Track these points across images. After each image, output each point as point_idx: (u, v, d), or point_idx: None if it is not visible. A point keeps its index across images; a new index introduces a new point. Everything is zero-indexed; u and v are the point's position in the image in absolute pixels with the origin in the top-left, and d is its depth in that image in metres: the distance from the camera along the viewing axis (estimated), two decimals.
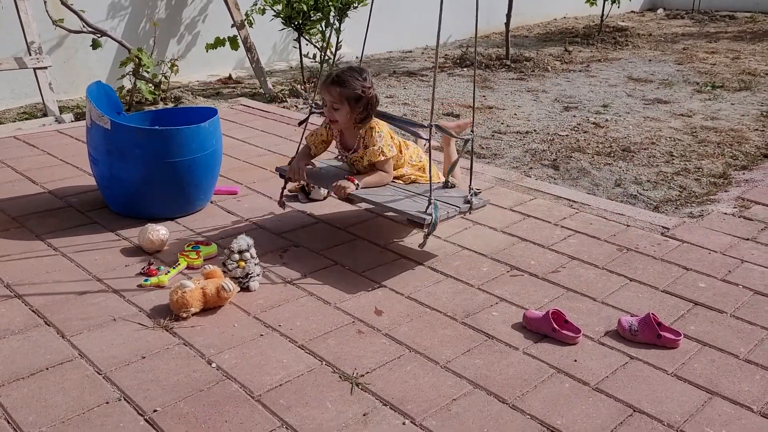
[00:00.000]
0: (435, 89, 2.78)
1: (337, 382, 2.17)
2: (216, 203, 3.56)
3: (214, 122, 3.36)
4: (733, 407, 2.07)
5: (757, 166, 4.23)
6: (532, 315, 2.47)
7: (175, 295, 2.49)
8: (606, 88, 6.29)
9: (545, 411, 2.05)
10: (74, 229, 3.24)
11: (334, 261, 2.95)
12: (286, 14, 5.75)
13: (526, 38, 8.93)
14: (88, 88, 3.35)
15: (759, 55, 7.70)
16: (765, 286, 2.75)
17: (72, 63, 5.67)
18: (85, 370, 2.22)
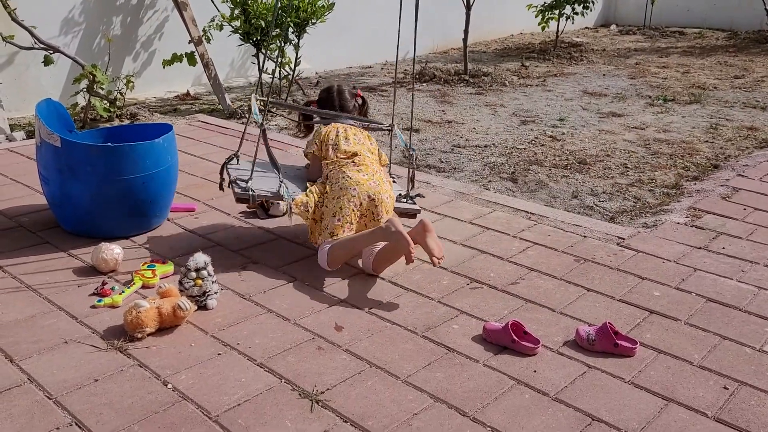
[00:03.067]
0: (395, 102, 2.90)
1: (297, 400, 2.14)
2: (173, 221, 3.50)
3: (169, 138, 3.31)
4: (688, 413, 2.10)
5: (707, 176, 4.35)
6: (491, 327, 2.48)
7: (130, 315, 2.43)
8: (562, 102, 6.41)
9: (506, 423, 2.05)
10: (25, 249, 3.14)
11: (294, 277, 2.93)
12: (244, 30, 5.73)
13: (484, 54, 9.07)
14: (37, 106, 3.27)
15: (708, 70, 7.95)
16: (717, 294, 2.82)
17: (23, 80, 5.54)
18: (34, 395, 2.14)
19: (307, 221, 3.03)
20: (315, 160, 3.22)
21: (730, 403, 2.15)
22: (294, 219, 3.13)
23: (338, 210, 2.97)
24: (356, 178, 3.02)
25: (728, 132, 5.36)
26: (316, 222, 3.04)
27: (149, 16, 6.24)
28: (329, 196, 3.02)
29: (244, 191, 3.01)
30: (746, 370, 2.32)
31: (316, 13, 5.80)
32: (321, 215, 3.03)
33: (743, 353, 2.41)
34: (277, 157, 3.48)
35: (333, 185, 3.04)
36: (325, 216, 3.00)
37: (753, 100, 6.44)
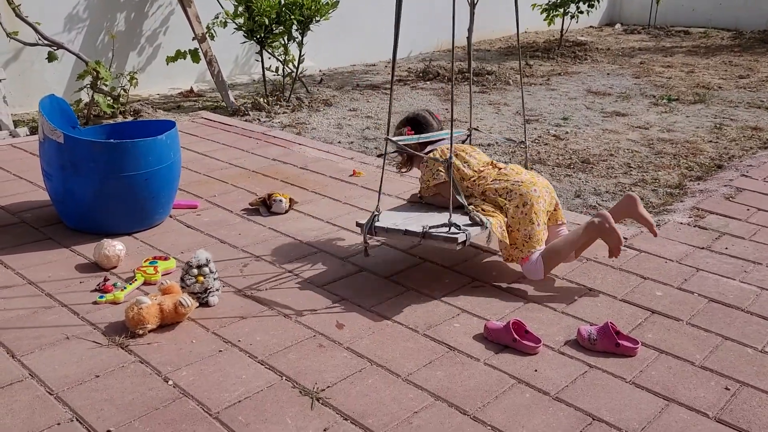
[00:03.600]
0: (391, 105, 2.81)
1: (297, 398, 2.14)
2: (175, 217, 3.50)
3: (172, 135, 3.31)
4: (689, 413, 2.10)
5: (711, 176, 4.33)
6: (493, 326, 2.47)
7: (131, 312, 2.44)
8: (566, 101, 6.39)
9: (506, 422, 2.05)
10: (27, 245, 3.15)
11: (295, 275, 2.93)
12: (248, 27, 5.73)
13: (488, 52, 9.05)
14: (40, 102, 3.27)
15: (712, 69, 7.92)
16: (719, 294, 2.81)
17: (27, 76, 5.55)
18: (35, 390, 2.15)
19: (506, 239, 2.82)
20: (446, 188, 2.92)
21: (731, 404, 2.14)
22: (493, 242, 2.87)
23: (534, 215, 2.83)
24: (526, 179, 2.90)
25: (732, 132, 5.34)
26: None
27: (153, 12, 6.24)
28: (510, 206, 2.85)
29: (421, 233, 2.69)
30: (748, 370, 2.31)
31: (320, 11, 5.80)
32: (509, 230, 2.86)
33: (745, 354, 2.40)
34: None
35: (505, 196, 2.87)
36: (519, 226, 2.83)
37: (758, 100, 6.42)
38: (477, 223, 2.74)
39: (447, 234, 2.66)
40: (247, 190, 3.91)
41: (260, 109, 5.81)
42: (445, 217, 2.74)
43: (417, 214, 2.95)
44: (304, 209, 3.65)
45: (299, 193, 3.87)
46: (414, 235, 2.71)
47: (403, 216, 2.91)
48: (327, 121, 5.63)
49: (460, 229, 2.67)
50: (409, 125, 3.12)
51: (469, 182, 2.97)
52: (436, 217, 2.83)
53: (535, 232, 2.83)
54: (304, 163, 4.44)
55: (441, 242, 2.68)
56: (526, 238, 2.83)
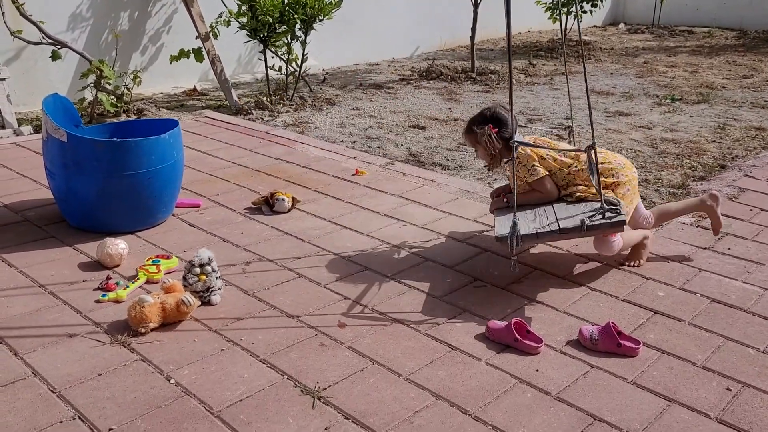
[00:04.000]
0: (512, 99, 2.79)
1: (299, 396, 2.14)
2: (178, 216, 3.51)
3: (175, 134, 3.32)
4: (691, 414, 2.10)
5: (714, 176, 4.32)
6: (494, 326, 2.47)
7: (134, 310, 2.45)
8: None
9: (507, 421, 2.05)
10: (30, 243, 3.16)
11: (298, 274, 2.93)
12: (251, 26, 5.73)
13: (491, 51, 9.04)
14: (44, 101, 3.28)
15: (716, 69, 7.90)
16: (722, 294, 2.80)
17: (31, 74, 5.56)
18: (38, 388, 2.15)
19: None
20: (547, 180, 2.94)
21: (732, 405, 2.14)
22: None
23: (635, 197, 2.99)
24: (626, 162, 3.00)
25: (736, 132, 5.33)
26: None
27: (157, 11, 6.25)
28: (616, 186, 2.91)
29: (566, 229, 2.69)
30: (750, 371, 2.30)
31: (324, 10, 5.80)
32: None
33: (747, 354, 2.40)
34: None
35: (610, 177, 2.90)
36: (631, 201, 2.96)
37: (761, 100, 6.40)
38: (615, 204, 2.74)
39: (608, 220, 2.65)
40: (250, 189, 3.92)
41: (263, 108, 5.82)
42: (577, 207, 2.80)
43: (535, 213, 2.86)
44: (306, 208, 3.65)
45: (302, 192, 3.88)
46: (573, 230, 2.68)
47: (530, 218, 2.81)
48: (330, 120, 5.63)
49: (618, 211, 2.68)
50: (491, 122, 2.98)
51: (570, 170, 2.95)
52: (565, 210, 2.83)
53: (629, 212, 2.90)
54: (306, 162, 4.44)
55: (606, 228, 2.68)
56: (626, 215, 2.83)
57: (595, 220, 2.66)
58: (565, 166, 2.96)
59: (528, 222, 2.79)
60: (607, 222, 2.65)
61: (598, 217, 2.67)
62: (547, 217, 2.81)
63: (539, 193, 2.96)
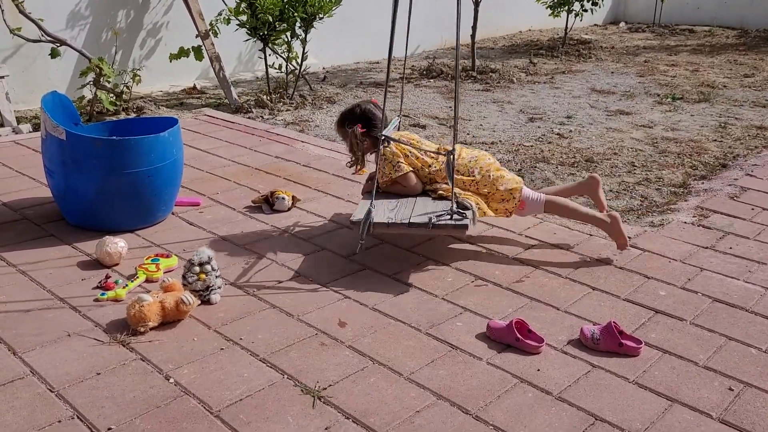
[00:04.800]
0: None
1: (299, 396, 2.13)
2: (177, 215, 3.50)
3: (174, 132, 3.31)
4: (692, 414, 2.09)
5: (715, 175, 4.31)
6: (495, 325, 2.46)
7: (133, 309, 2.43)
8: (570, 100, 6.37)
9: (508, 421, 2.04)
10: (29, 242, 3.15)
11: (298, 272, 2.92)
12: (251, 25, 5.72)
13: (492, 50, 9.03)
14: (42, 99, 3.27)
15: (717, 68, 7.89)
16: (723, 294, 2.79)
17: (30, 72, 5.55)
18: (36, 387, 2.14)
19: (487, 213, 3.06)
20: (413, 177, 3.10)
21: (735, 405, 2.13)
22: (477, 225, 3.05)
23: (499, 172, 3.11)
24: (479, 154, 3.15)
25: (737, 131, 5.32)
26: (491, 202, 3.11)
27: (156, 9, 6.24)
28: (477, 177, 3.08)
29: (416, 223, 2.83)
30: (752, 371, 2.29)
31: (324, 8, 5.79)
32: (485, 198, 3.09)
33: (749, 354, 2.39)
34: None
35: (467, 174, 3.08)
36: (496, 185, 3.08)
37: (763, 99, 6.39)
38: (466, 207, 2.93)
39: (455, 222, 2.82)
40: (250, 188, 3.90)
41: (263, 107, 5.80)
42: (427, 205, 2.95)
43: (397, 203, 3.04)
44: (306, 207, 3.64)
45: (302, 190, 3.87)
46: (420, 226, 2.84)
47: (388, 209, 2.99)
48: (330, 118, 5.61)
49: (463, 215, 2.85)
50: (360, 122, 3.16)
51: (430, 169, 3.12)
52: (421, 206, 2.99)
53: (508, 181, 3.10)
54: (306, 160, 4.43)
55: (450, 230, 2.88)
56: (507, 191, 3.08)
57: (442, 219, 2.83)
58: (426, 165, 3.12)
59: (386, 210, 2.96)
60: (451, 223, 2.82)
61: (446, 217, 2.84)
62: (406, 210, 2.96)
63: (403, 187, 3.12)
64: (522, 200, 3.10)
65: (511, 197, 3.09)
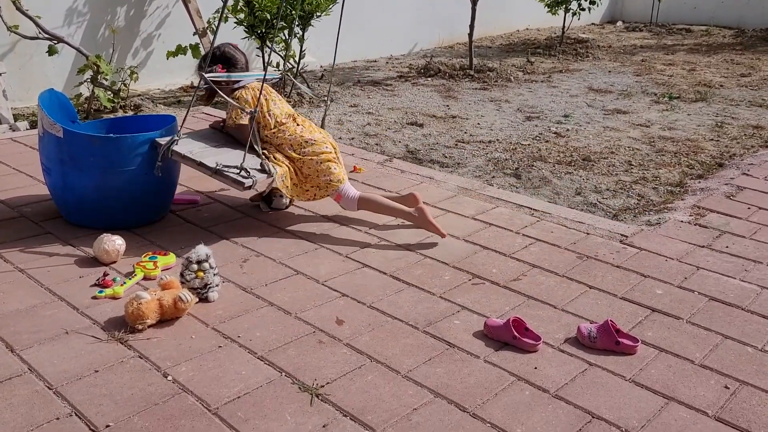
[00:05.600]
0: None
1: (297, 394, 2.13)
2: (175, 213, 3.50)
3: (172, 130, 3.30)
4: (689, 412, 2.10)
5: (712, 175, 4.33)
6: (493, 323, 2.47)
7: (131, 307, 2.43)
8: (567, 99, 6.38)
9: (505, 419, 2.04)
10: (27, 239, 3.15)
11: (296, 270, 2.92)
12: (249, 23, 5.71)
13: (489, 49, 9.04)
14: (40, 96, 3.27)
15: (714, 67, 7.91)
16: (720, 293, 2.81)
17: (27, 69, 5.54)
18: (34, 385, 2.14)
19: (288, 190, 3.22)
20: (245, 128, 3.21)
21: (731, 403, 2.14)
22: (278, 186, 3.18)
23: (328, 164, 3.25)
24: (318, 138, 3.27)
25: (734, 130, 5.34)
26: (297, 185, 3.26)
27: (154, 7, 6.23)
28: (304, 159, 3.23)
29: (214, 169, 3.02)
30: (748, 369, 2.31)
31: (321, 6, 5.79)
32: (304, 178, 3.25)
33: (745, 353, 2.40)
34: None
35: (299, 151, 3.22)
36: (318, 174, 3.24)
37: (759, 98, 6.41)
38: (265, 171, 3.08)
39: (236, 176, 2.98)
40: None
41: None
42: (239, 157, 3.04)
43: (214, 146, 3.20)
44: (304, 205, 3.64)
45: None
46: (206, 169, 3.01)
47: (201, 145, 3.16)
48: (327, 117, 5.61)
49: (249, 174, 3.00)
50: (220, 63, 3.25)
51: (269, 132, 3.25)
52: (231, 156, 3.12)
53: (333, 176, 3.25)
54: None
55: (230, 182, 3.01)
56: (326, 182, 3.25)
57: (228, 171, 2.99)
58: (268, 126, 3.25)
59: (197, 146, 3.14)
60: (232, 176, 2.98)
61: (233, 170, 3.00)
62: (215, 153, 3.12)
63: (241, 133, 3.25)
64: (339, 194, 3.28)
65: (325, 188, 3.26)
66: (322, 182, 3.25)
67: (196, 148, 3.10)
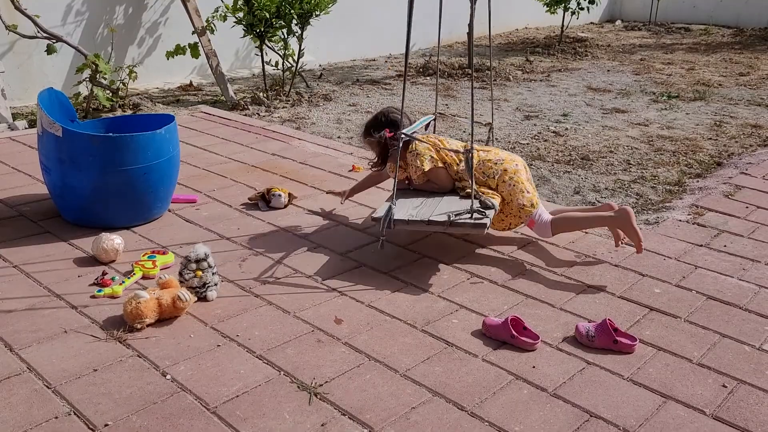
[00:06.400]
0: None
1: (295, 393, 2.14)
2: (174, 212, 3.50)
3: (171, 129, 3.31)
4: (686, 411, 2.10)
5: (710, 174, 4.33)
6: (491, 322, 2.47)
7: (130, 306, 2.44)
8: (566, 98, 6.39)
9: (503, 418, 2.05)
10: (26, 238, 3.15)
11: (294, 269, 2.93)
12: (247, 21, 5.71)
13: (488, 47, 9.03)
14: (39, 95, 3.27)
15: (712, 66, 7.92)
16: (717, 291, 2.81)
17: (26, 68, 5.54)
18: (33, 384, 2.15)
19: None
20: (440, 172, 3.10)
21: (728, 401, 2.14)
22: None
23: (521, 185, 3.06)
24: (506, 157, 3.12)
25: (732, 129, 5.34)
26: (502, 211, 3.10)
27: (153, 5, 6.23)
28: (498, 182, 3.07)
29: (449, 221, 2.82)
30: (745, 368, 2.31)
31: (320, 5, 5.79)
32: (503, 200, 3.07)
33: (743, 351, 2.41)
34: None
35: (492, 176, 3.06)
36: (512, 198, 3.05)
37: (758, 97, 6.42)
38: (489, 206, 2.92)
39: (473, 221, 2.81)
40: (246, 185, 3.91)
41: (260, 104, 5.80)
42: (451, 204, 2.94)
43: (421, 202, 3.04)
44: (303, 204, 3.65)
45: (298, 188, 3.87)
46: (439, 224, 2.84)
47: (411, 206, 2.99)
48: (327, 116, 5.62)
49: (484, 214, 2.84)
50: (386, 127, 3.15)
51: (459, 167, 3.11)
52: (446, 204, 2.98)
53: (526, 199, 3.06)
54: (303, 158, 4.43)
55: (468, 228, 2.85)
56: (519, 206, 3.06)
57: (461, 218, 2.82)
58: (455, 163, 3.12)
59: (410, 208, 2.97)
60: (470, 222, 2.81)
61: (465, 216, 2.83)
62: (429, 207, 2.96)
63: (433, 183, 3.14)
64: (532, 219, 3.09)
65: (519, 215, 3.07)
66: (515, 207, 3.06)
67: (411, 210, 2.92)
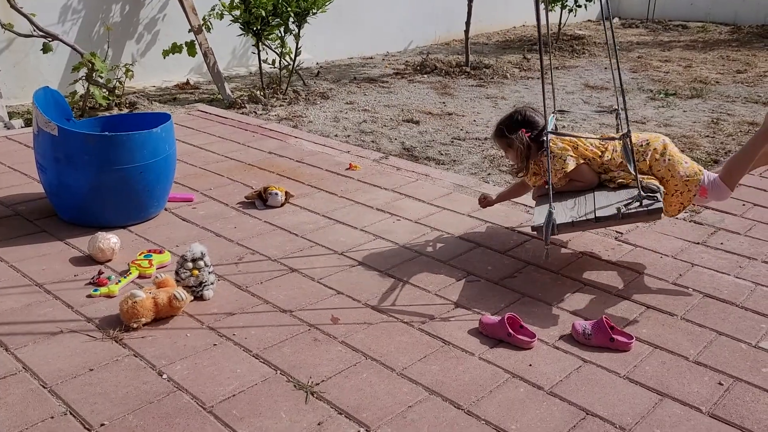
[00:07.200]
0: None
1: (292, 391, 2.14)
2: (170, 210, 3.49)
3: (167, 128, 3.30)
4: (682, 408, 2.10)
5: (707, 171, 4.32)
6: (488, 320, 2.47)
7: (126, 305, 2.43)
8: (563, 95, 6.38)
9: (500, 416, 2.05)
10: (21, 238, 3.14)
11: (291, 268, 2.92)
12: (244, 20, 5.70)
13: (486, 45, 9.03)
14: (34, 94, 3.26)
15: (710, 64, 7.92)
16: (714, 289, 2.81)
17: (22, 67, 5.52)
18: (29, 383, 2.14)
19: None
20: (584, 169, 2.94)
21: (724, 399, 2.15)
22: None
23: (677, 156, 2.90)
24: (649, 137, 2.95)
25: (729, 127, 5.34)
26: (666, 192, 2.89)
27: (149, 3, 6.22)
28: (651, 162, 2.88)
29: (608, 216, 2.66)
30: (742, 366, 2.31)
31: (317, 3, 5.77)
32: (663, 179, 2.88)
33: (739, 349, 2.41)
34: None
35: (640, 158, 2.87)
36: (673, 172, 2.86)
37: (755, 95, 6.42)
38: (654, 190, 2.72)
39: (646, 208, 2.62)
40: (243, 183, 3.90)
41: (257, 102, 5.80)
42: (607, 197, 2.77)
43: (574, 201, 2.87)
44: (300, 203, 3.64)
45: (295, 186, 3.87)
46: (609, 219, 2.66)
47: (567, 208, 2.82)
48: (324, 114, 5.61)
49: (655, 198, 2.65)
50: (523, 127, 3.00)
51: (602, 159, 2.95)
52: (606, 197, 2.80)
53: (689, 169, 2.88)
54: (300, 156, 4.43)
55: (642, 217, 2.69)
56: (684, 179, 2.87)
57: (631, 208, 2.64)
58: (597, 156, 2.96)
59: (566, 210, 2.78)
60: (643, 210, 2.62)
61: (635, 204, 2.64)
62: (586, 206, 2.79)
63: (579, 182, 2.96)
64: (703, 187, 2.87)
65: (686, 188, 2.86)
66: (680, 182, 2.85)
67: (571, 212, 2.75)
